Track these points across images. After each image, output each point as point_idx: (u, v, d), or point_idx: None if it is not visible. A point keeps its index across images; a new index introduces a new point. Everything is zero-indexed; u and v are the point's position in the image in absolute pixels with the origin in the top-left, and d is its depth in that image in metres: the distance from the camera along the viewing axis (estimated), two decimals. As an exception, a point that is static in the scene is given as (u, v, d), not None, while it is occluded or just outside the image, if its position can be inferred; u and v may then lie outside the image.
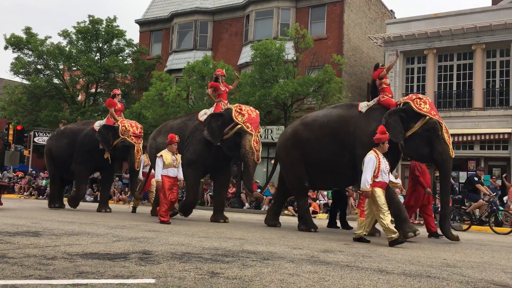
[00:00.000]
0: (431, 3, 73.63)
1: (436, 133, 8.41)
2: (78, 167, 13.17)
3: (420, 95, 8.89)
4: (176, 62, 28.15)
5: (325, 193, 19.60)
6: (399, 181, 11.86)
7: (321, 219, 16.25)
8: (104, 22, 27.97)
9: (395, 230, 7.46)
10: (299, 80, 19.81)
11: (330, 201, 18.21)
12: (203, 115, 11.17)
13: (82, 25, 27.93)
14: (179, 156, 9.98)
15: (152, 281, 3.64)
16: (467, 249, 7.60)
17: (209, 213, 12.40)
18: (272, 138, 22.89)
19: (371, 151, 7.71)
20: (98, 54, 28.54)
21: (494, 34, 20.36)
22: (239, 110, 10.48)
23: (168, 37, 29.94)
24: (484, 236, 11.74)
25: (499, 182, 17.61)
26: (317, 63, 22.12)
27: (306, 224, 9.75)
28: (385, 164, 7.65)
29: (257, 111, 10.91)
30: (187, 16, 28.73)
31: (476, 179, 13.72)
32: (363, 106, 9.30)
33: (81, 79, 28.56)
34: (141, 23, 31.44)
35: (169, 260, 4.66)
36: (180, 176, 9.90)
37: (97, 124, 13.21)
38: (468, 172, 19.09)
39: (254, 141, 10.20)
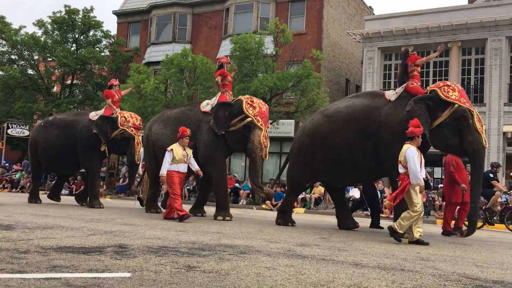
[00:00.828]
0: (409, 0, 74.49)
1: (466, 121, 7.89)
2: (87, 163, 12.38)
3: (449, 82, 8.43)
4: (155, 54, 27.85)
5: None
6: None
7: (298, 214, 16.35)
8: (81, 12, 27.47)
9: (407, 231, 7.21)
10: (278, 74, 19.83)
11: (308, 195, 18.36)
12: (206, 105, 10.55)
13: (58, 15, 27.38)
14: (190, 151, 9.35)
15: (128, 275, 3.61)
16: (440, 243, 7.75)
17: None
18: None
19: (407, 144, 7.26)
20: (74, 45, 28.03)
21: (470, 32, 20.72)
22: (250, 102, 9.86)
23: (146, 29, 29.58)
24: (499, 234, 11.98)
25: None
26: (296, 58, 22.16)
27: (284, 219, 9.67)
28: (422, 159, 7.28)
29: (266, 105, 10.38)
30: (165, 8, 28.42)
31: (491, 175, 12.82)
32: (391, 94, 8.81)
33: (56, 70, 28.03)
34: (119, 14, 30.98)
35: (145, 254, 4.62)
36: (196, 166, 9.41)
37: (93, 114, 12.49)
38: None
39: (263, 136, 9.66)
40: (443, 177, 17.64)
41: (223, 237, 6.61)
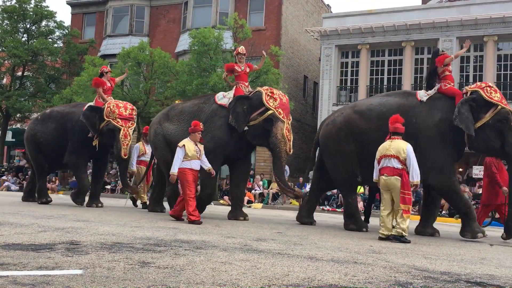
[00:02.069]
0: (366, 0, 76.10)
1: (508, 123, 7.82)
2: (74, 157, 11.41)
3: (489, 83, 8.29)
4: (111, 47, 27.22)
5: (260, 183, 19.84)
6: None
7: (256, 209, 16.44)
8: (32, 1, 26.42)
9: (391, 228, 7.16)
10: (237, 70, 19.80)
11: (266, 190, 18.49)
12: (221, 98, 9.83)
13: (8, 3, 26.26)
14: (202, 146, 8.66)
15: (79, 272, 3.52)
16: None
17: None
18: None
19: (402, 141, 7.23)
20: (25, 35, 26.94)
21: (423, 32, 21.40)
22: (270, 94, 9.25)
23: (102, 21, 28.85)
24: (446, 227, 12.36)
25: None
26: (255, 53, 22.19)
27: (356, 223, 8.81)
28: None
29: (286, 96, 9.77)
30: (122, 0, 27.80)
31: None
32: (422, 95, 8.59)
33: (6, 61, 26.89)
34: (73, 4, 30.05)
35: (98, 251, 4.52)
36: (208, 165, 8.65)
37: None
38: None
39: (286, 129, 9.09)
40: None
41: (179, 232, 6.56)
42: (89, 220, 7.65)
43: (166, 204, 10.76)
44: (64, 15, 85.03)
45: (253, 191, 18.79)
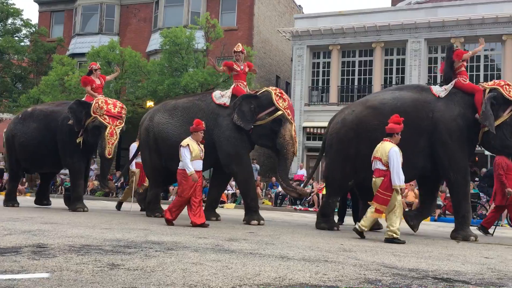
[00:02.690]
0: (337, 1, 76.96)
1: None
2: (69, 160, 10.65)
3: (507, 82, 8.29)
4: (80, 46, 26.71)
5: (233, 183, 19.80)
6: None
7: (228, 209, 16.43)
8: (-3, -1, 25.74)
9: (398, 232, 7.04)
10: (209, 70, 19.75)
11: (238, 191, 18.46)
12: (219, 97, 9.54)
13: (-29, 0, 25.48)
14: (202, 146, 8.28)
15: (46, 275, 3.44)
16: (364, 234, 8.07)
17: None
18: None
19: (389, 142, 7.19)
20: (-10, 33, 26.22)
21: (392, 33, 21.77)
22: (280, 94, 9.10)
23: (71, 19, 28.28)
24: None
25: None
26: (227, 53, 22.12)
27: (327, 223, 8.84)
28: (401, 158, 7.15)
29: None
30: (92, -2, 27.36)
31: None
32: (439, 90, 8.45)
33: (-30, 60, 26.09)
34: (41, 2, 29.35)
35: (66, 253, 4.43)
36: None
37: None
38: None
39: (293, 131, 9.04)
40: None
41: (150, 233, 6.49)
42: (57, 223, 7.49)
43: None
44: (31, 13, 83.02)
45: (225, 192, 18.73)
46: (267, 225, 9.18)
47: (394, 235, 6.94)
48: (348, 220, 10.50)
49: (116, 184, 12.22)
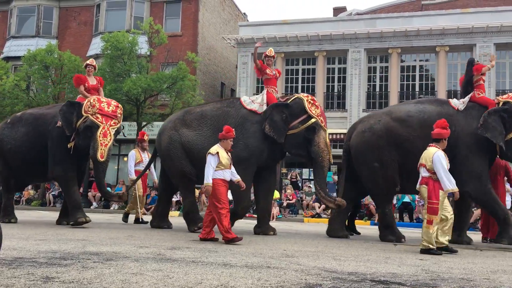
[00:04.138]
0: (281, 9, 78.34)
1: None
2: (59, 168, 9.55)
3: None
4: (15, 49, 25.51)
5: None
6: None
7: (173, 217, 16.15)
8: None
9: (433, 241, 6.78)
10: (153, 76, 19.46)
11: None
12: (249, 102, 9.17)
13: None
14: (229, 155, 7.68)
15: (-28, 291, 3.24)
16: (304, 240, 8.22)
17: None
18: (124, 134, 22.09)
19: (434, 147, 6.99)
20: None
21: (334, 43, 22.38)
22: (312, 101, 8.85)
23: (5, 21, 26.98)
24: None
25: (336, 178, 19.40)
26: (172, 59, 21.95)
27: (394, 234, 8.57)
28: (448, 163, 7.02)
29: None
30: (28, 0, 26.24)
31: None
32: (458, 103, 8.60)
33: None
34: (-28, 2, 27.83)
35: (-4, 267, 4.19)
36: (237, 176, 7.56)
37: None
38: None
39: (327, 138, 8.83)
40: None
41: (89, 244, 6.27)
42: (-13, 235, 7.07)
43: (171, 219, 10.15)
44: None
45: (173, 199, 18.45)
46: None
47: (430, 245, 6.69)
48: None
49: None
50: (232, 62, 28.65)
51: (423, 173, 6.96)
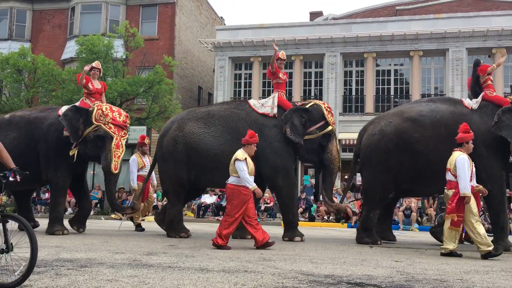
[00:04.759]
0: (258, 13, 78.66)
1: None
2: (51, 173, 9.08)
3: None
4: (-13, 52, 24.96)
5: (154, 195, 19.37)
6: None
7: (149, 222, 16.01)
8: None
9: (490, 242, 6.90)
10: (129, 79, 19.24)
11: (160, 203, 18.09)
12: (260, 106, 9.08)
13: None
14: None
15: None
16: (282, 243, 8.23)
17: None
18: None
19: (458, 151, 7.04)
20: None
21: (310, 47, 22.56)
22: (328, 109, 9.05)
23: (-24, 23, 26.37)
24: (333, 232, 12.82)
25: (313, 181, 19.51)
26: (148, 63, 21.76)
27: (371, 237, 8.61)
28: (473, 166, 7.03)
29: None
30: (0, 2, 25.70)
31: None
32: (471, 103, 8.50)
33: None
34: None
35: (-35, 276, 4.08)
36: (253, 184, 7.30)
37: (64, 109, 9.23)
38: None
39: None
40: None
41: (63, 251, 6.16)
42: (-43, 243, 6.87)
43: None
44: None
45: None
46: (188, 238, 9.03)
47: (448, 247, 6.88)
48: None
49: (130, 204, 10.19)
50: (209, 66, 28.60)
51: (449, 177, 7.04)
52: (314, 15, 29.16)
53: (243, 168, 7.11)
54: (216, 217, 16.64)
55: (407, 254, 7.08)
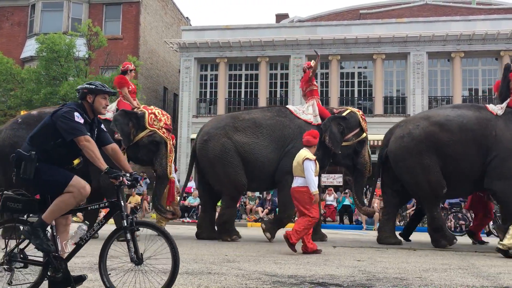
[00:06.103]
0: (224, 15, 78.62)
1: None
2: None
3: None
4: None
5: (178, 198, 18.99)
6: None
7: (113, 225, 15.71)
8: None
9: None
10: (92, 79, 18.88)
11: (129, 205, 17.79)
12: (301, 112, 9.30)
13: None
14: None
15: None
16: (246, 244, 8.24)
17: None
18: (60, 140, 21.26)
19: None
20: None
21: (276, 49, 22.68)
22: (363, 116, 9.54)
23: None
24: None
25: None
26: (112, 63, 21.42)
27: (445, 238, 8.52)
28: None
29: None
30: (-44, -3, 24.78)
31: None
32: (496, 109, 8.57)
33: None
34: None
35: None
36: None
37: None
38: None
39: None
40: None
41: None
42: None
43: None
44: None
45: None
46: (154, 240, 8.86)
47: (501, 247, 6.92)
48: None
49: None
50: (174, 67, 28.35)
51: None
52: (280, 17, 29.39)
53: (312, 168, 6.99)
54: (181, 219, 16.43)
55: (369, 254, 7.21)
